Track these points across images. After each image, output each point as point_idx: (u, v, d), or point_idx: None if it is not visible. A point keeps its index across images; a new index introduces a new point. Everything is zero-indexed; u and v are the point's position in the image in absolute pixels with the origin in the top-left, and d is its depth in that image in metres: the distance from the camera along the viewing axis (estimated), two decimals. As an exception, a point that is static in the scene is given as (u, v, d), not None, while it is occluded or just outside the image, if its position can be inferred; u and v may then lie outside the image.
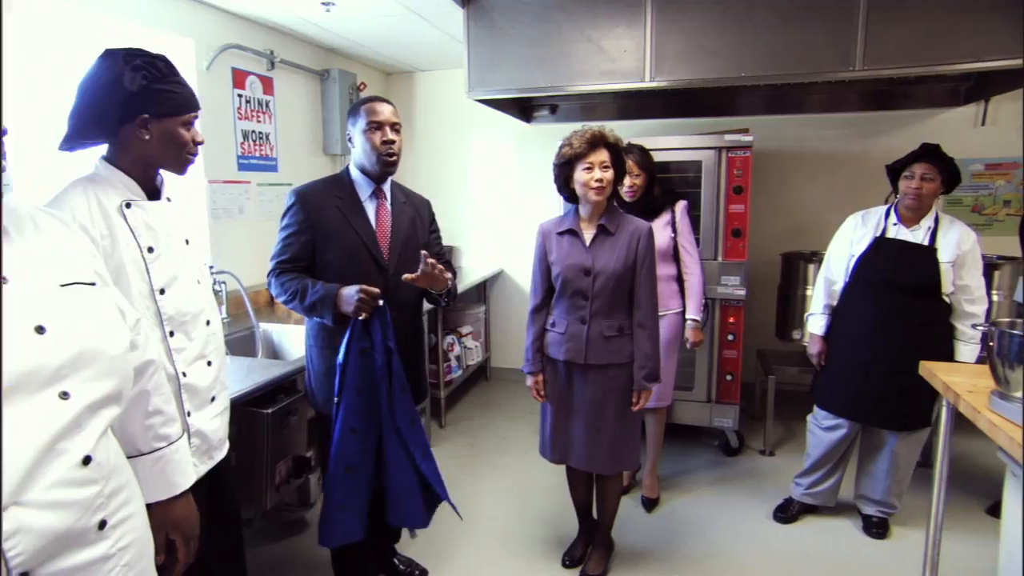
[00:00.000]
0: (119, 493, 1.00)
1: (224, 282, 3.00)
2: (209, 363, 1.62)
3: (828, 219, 4.16)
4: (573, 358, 2.33)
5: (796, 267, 3.76)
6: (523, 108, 4.34)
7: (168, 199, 1.59)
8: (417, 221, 2.22)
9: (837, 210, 4.15)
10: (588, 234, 2.32)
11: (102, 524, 0.95)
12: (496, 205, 4.91)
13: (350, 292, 1.91)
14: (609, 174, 2.23)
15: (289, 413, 2.28)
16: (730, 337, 3.45)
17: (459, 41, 3.79)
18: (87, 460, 0.92)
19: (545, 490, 3.20)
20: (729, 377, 3.49)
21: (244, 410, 2.16)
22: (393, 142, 2.05)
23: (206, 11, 3.08)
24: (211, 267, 2.90)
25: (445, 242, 4.95)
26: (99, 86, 1.41)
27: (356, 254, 2.03)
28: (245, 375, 2.24)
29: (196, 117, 1.56)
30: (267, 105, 3.54)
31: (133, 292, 1.44)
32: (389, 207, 2.14)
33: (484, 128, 4.81)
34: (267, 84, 3.53)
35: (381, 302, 1.94)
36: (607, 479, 2.48)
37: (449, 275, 2.05)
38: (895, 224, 2.57)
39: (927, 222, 2.53)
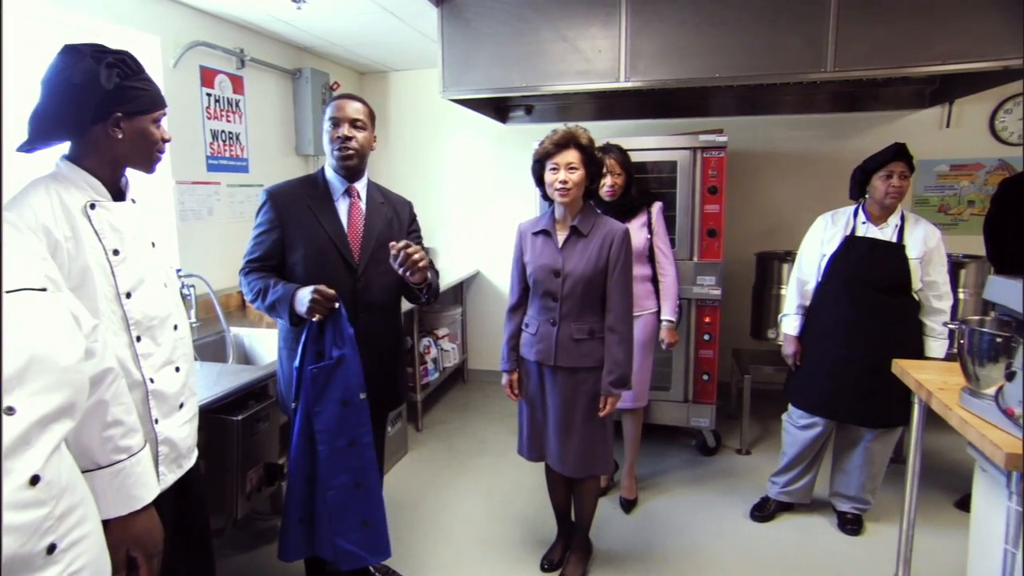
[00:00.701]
0: (71, 513, 0.94)
1: (193, 285, 2.93)
2: (177, 369, 1.57)
3: (801, 219, 4.20)
4: (543, 360, 2.31)
5: (770, 267, 3.79)
6: (499, 108, 4.32)
7: (133, 200, 1.54)
8: (395, 222, 2.17)
9: (809, 210, 4.20)
10: (561, 235, 2.30)
11: (51, 548, 0.89)
12: (472, 206, 4.88)
13: (304, 292, 1.84)
14: (576, 175, 2.21)
15: (259, 420, 2.22)
16: (706, 337, 3.46)
17: (434, 40, 3.75)
18: (35, 480, 0.86)
19: (524, 491, 3.18)
20: (705, 377, 3.50)
21: (213, 417, 2.10)
22: (349, 138, 1.99)
23: (173, 7, 3.00)
24: (179, 270, 2.83)
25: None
26: (70, 85, 1.35)
27: (325, 253, 1.99)
28: (215, 381, 2.18)
29: (164, 114, 1.53)
30: (237, 104, 3.47)
31: (98, 296, 1.39)
32: (363, 207, 2.10)
33: (459, 128, 4.77)
34: (237, 83, 3.46)
35: (337, 305, 1.87)
36: (582, 481, 2.46)
37: (426, 260, 1.96)
38: (864, 223, 2.60)
39: (894, 220, 2.57)
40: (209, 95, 3.25)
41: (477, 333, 4.99)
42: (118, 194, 1.50)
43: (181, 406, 1.59)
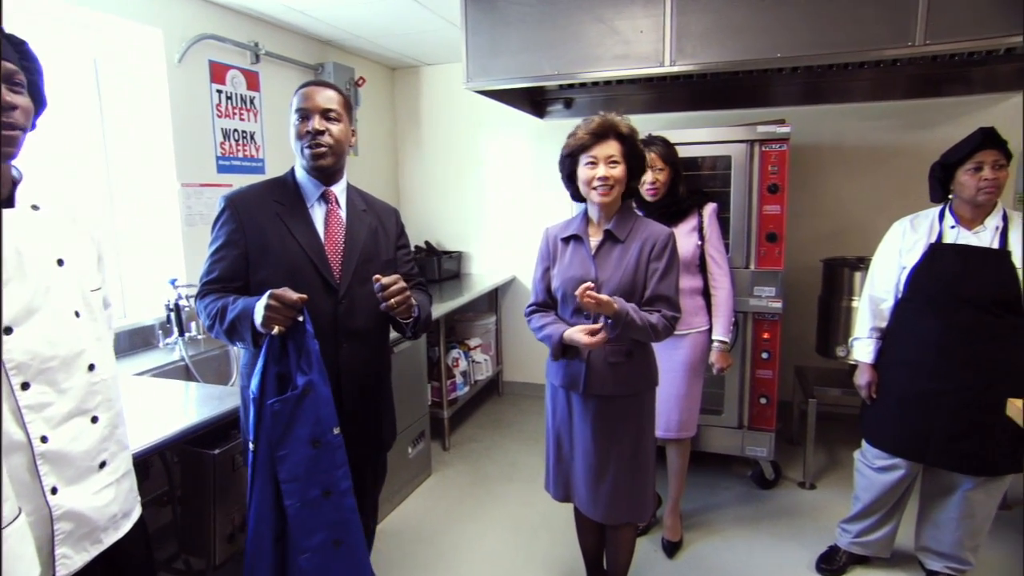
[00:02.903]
0: None
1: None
2: (94, 419, 1.25)
3: (874, 221, 3.71)
4: (571, 386, 1.98)
5: (839, 275, 3.33)
6: (535, 102, 3.99)
7: (34, 206, 1.21)
8: (380, 234, 1.85)
9: (884, 210, 3.70)
10: (594, 240, 1.97)
11: None
12: (508, 208, 4.56)
13: (261, 301, 1.50)
14: (617, 171, 1.88)
15: (242, 453, 1.96)
16: (764, 355, 3.05)
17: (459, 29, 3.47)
18: None
19: (554, 527, 2.84)
20: (763, 400, 3.08)
21: (187, 450, 1.86)
22: (321, 132, 1.66)
23: (176, -2, 2.81)
24: (173, 281, 2.62)
25: (455, 247, 4.74)
26: None
27: (299, 271, 1.67)
28: (204, 406, 1.94)
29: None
30: (252, 102, 3.26)
31: None
32: (343, 215, 1.79)
33: (495, 126, 4.47)
34: (252, 79, 3.25)
35: (301, 318, 1.52)
36: (616, 528, 2.12)
37: (415, 300, 1.69)
38: (953, 227, 2.16)
39: (993, 221, 2.11)
40: (220, 92, 3.05)
41: (513, 343, 4.67)
42: (5, 200, 1.17)
43: (102, 465, 1.27)
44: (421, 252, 4.53)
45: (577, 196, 2.04)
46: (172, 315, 2.57)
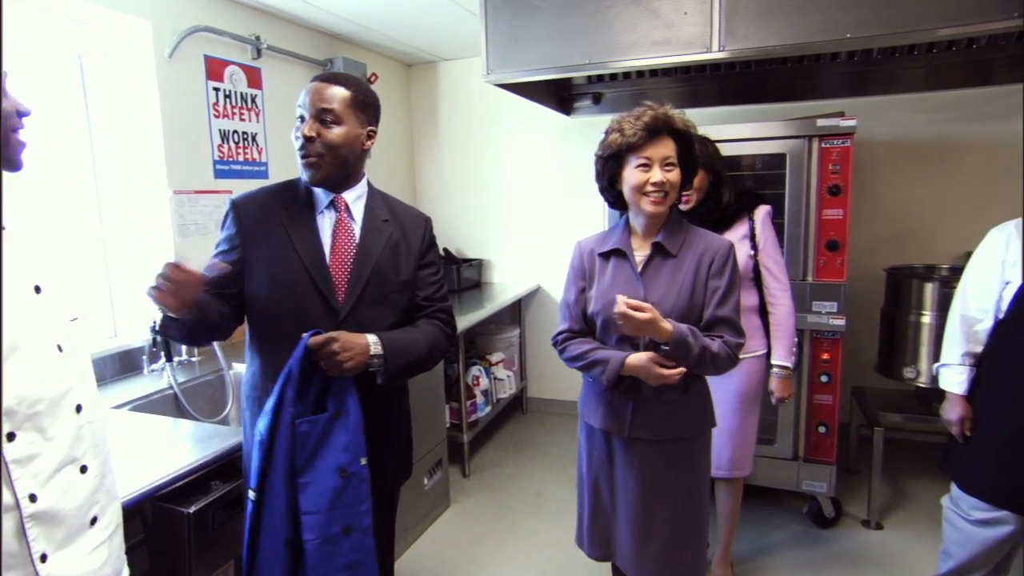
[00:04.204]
0: None
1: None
2: (83, 468, 1.06)
3: (946, 225, 3.34)
4: (614, 428, 1.67)
5: (906, 286, 2.95)
6: (561, 98, 3.68)
7: (1, 227, 1.02)
8: (402, 249, 1.60)
9: (954, 213, 3.33)
10: (640, 255, 1.66)
11: None
12: (532, 212, 4.25)
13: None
14: (674, 175, 1.57)
15: (227, 506, 1.68)
16: (824, 379, 2.70)
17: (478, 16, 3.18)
18: None
19: (585, 571, 2.52)
20: (822, 429, 2.73)
21: (158, 507, 1.58)
22: (311, 139, 1.45)
23: (166, -14, 2.54)
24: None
25: (475, 254, 4.44)
26: None
27: (296, 287, 1.48)
28: (179, 449, 1.67)
29: None
30: (253, 100, 2.99)
31: None
32: (355, 226, 1.55)
33: (518, 124, 4.17)
34: (253, 76, 2.98)
35: (305, 335, 1.37)
36: (663, 591, 1.80)
37: (353, 360, 1.41)
38: None
39: None
40: (217, 90, 2.78)
41: (538, 356, 4.36)
42: None
43: (94, 521, 1.08)
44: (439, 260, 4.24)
45: (617, 204, 1.72)
46: (159, 338, 2.31)
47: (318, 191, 1.55)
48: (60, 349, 1.05)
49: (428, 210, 4.34)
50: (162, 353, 2.31)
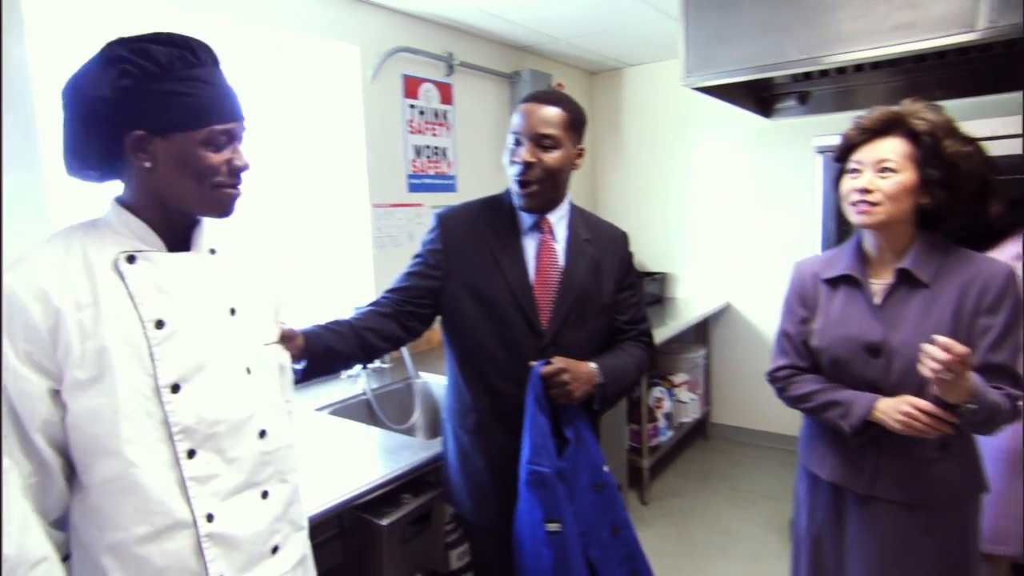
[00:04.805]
0: None
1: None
2: (265, 494, 1.07)
3: None
4: (848, 483, 1.40)
5: None
6: (761, 99, 3.35)
7: (212, 250, 1.08)
8: (604, 268, 1.56)
9: None
10: (879, 284, 1.38)
11: None
12: (721, 223, 3.94)
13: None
14: (890, 183, 1.32)
15: (416, 521, 1.67)
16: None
17: (674, 18, 2.99)
18: None
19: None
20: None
21: (355, 516, 1.62)
22: (530, 165, 1.40)
23: (372, 12, 2.67)
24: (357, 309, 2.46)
25: (658, 268, 4.21)
26: (67, 102, 0.96)
27: (502, 311, 1.47)
28: (376, 458, 1.70)
29: (230, 132, 1.00)
30: (444, 116, 3.07)
31: (120, 390, 0.93)
32: (559, 248, 1.52)
33: (707, 129, 3.90)
34: (445, 92, 3.07)
35: (534, 363, 1.40)
36: None
37: (579, 388, 1.43)
38: None
39: None
40: (412, 107, 2.89)
41: (724, 380, 4.02)
42: (181, 244, 1.04)
43: (275, 550, 1.08)
44: (637, 279, 4.10)
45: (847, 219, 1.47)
46: (357, 345, 2.42)
47: (522, 212, 1.52)
48: (248, 372, 1.07)
49: (609, 220, 4.24)
50: (359, 360, 2.41)
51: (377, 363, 2.53)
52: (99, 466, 0.94)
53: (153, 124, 0.93)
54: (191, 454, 0.98)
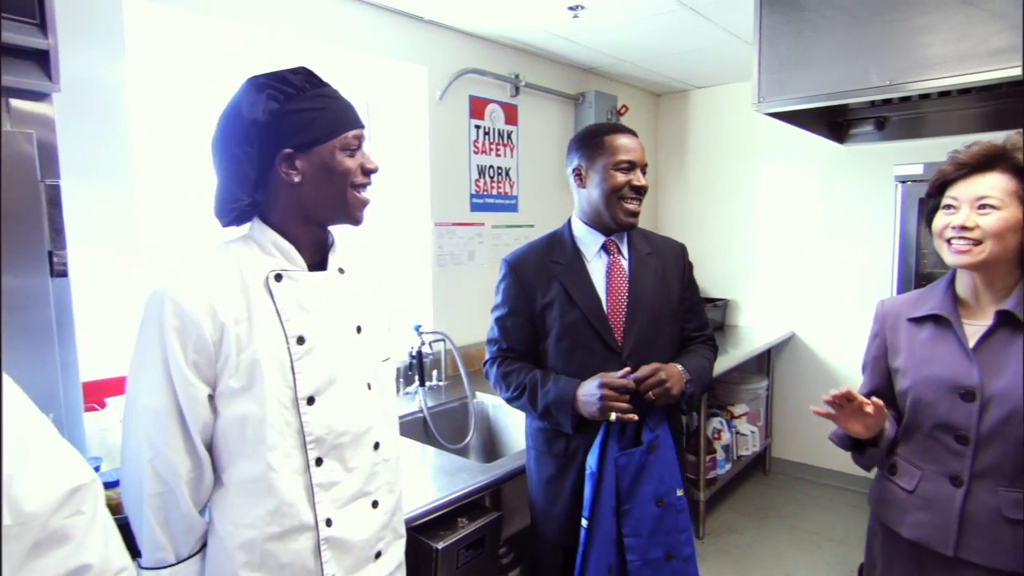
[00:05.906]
0: None
1: (442, 339, 2.58)
2: (375, 504, 1.16)
3: None
4: (931, 542, 1.30)
5: None
6: (835, 124, 3.24)
7: (341, 270, 1.16)
8: (668, 279, 1.64)
9: None
10: (973, 328, 1.30)
11: None
12: (788, 250, 3.82)
13: (589, 390, 1.44)
14: (992, 220, 1.23)
15: (471, 547, 1.65)
16: None
17: (746, 41, 2.94)
18: None
19: None
20: None
21: (410, 537, 1.60)
22: (641, 190, 1.56)
23: (441, 34, 2.72)
24: (417, 327, 2.48)
25: (719, 294, 4.10)
26: (224, 129, 1.06)
27: (578, 336, 1.55)
28: (432, 480, 1.70)
29: (359, 137, 1.10)
30: (509, 136, 3.09)
31: (267, 400, 1.02)
32: (626, 265, 1.59)
33: (776, 153, 3.79)
34: (510, 113, 3.09)
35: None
36: None
37: (692, 368, 1.54)
38: None
39: None
40: (478, 127, 2.92)
41: (786, 412, 3.87)
42: (319, 262, 1.14)
43: (378, 556, 1.16)
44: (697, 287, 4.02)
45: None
46: (415, 363, 2.43)
47: (586, 238, 1.61)
48: (369, 387, 1.15)
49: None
50: (417, 377, 2.42)
51: (434, 381, 2.53)
52: (239, 467, 1.03)
53: (299, 140, 1.03)
54: (319, 462, 1.06)
